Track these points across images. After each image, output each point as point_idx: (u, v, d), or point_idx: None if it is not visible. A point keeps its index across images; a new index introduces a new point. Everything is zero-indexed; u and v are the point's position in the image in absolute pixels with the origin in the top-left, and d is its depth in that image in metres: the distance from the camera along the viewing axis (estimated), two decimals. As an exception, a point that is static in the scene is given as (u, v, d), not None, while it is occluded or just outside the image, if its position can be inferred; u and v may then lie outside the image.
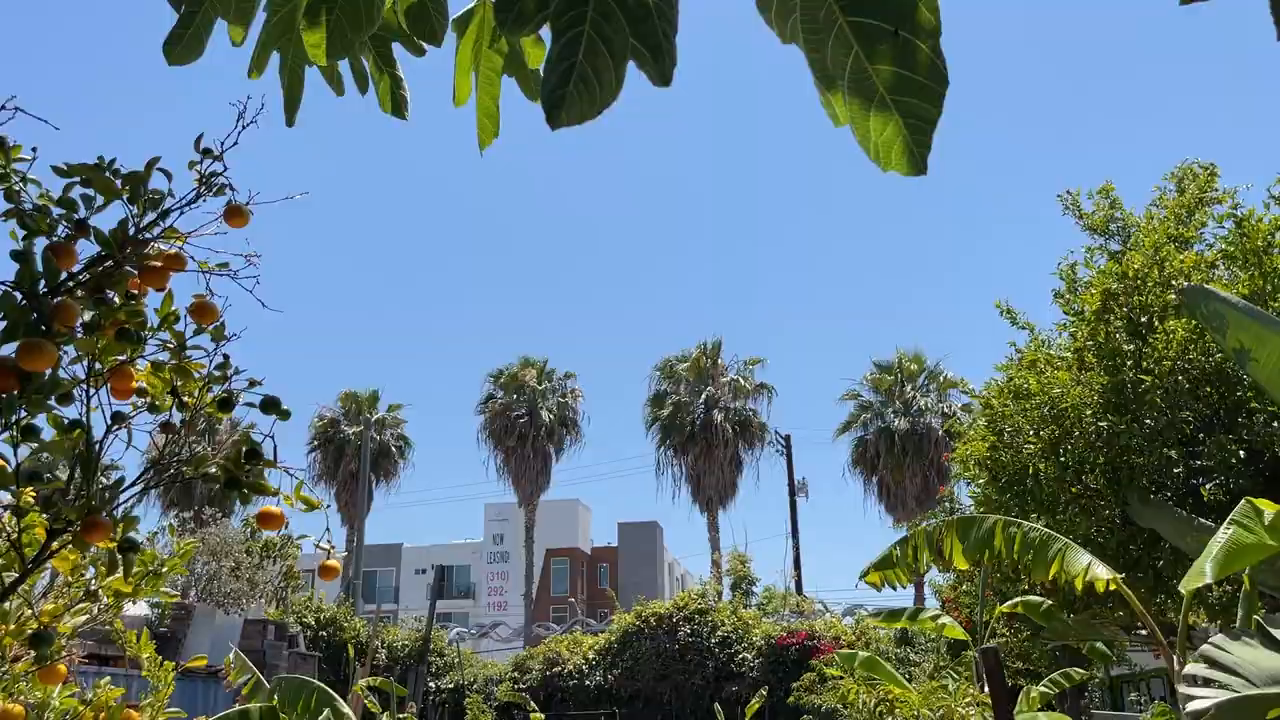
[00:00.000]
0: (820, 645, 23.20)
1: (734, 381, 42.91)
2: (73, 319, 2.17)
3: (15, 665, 2.62)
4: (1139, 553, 7.61)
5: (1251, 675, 3.98)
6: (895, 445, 39.06)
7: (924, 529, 5.67)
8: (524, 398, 44.50)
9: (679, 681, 23.68)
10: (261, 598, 18.72)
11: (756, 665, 23.44)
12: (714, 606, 25.02)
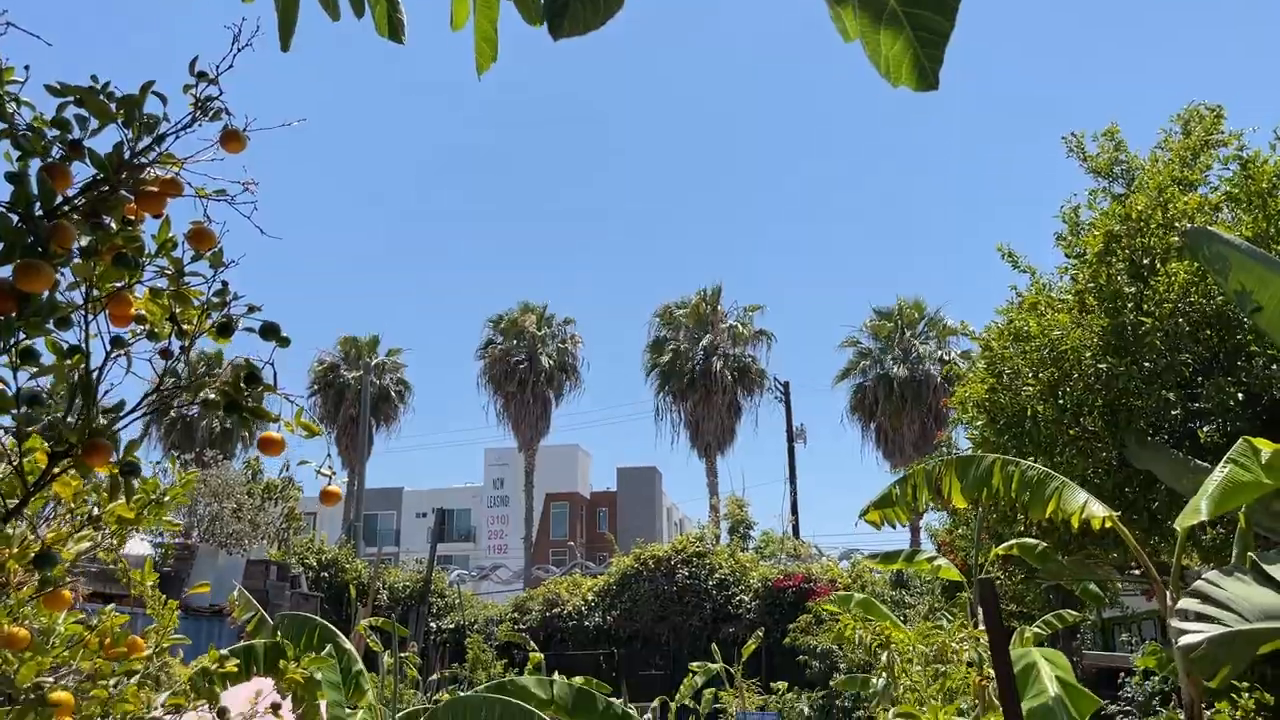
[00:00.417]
0: (816, 588, 23.48)
1: (733, 328, 42.90)
2: (69, 241, 2.15)
3: (19, 591, 2.64)
4: (1134, 494, 7.66)
5: (1244, 610, 4.03)
6: (894, 392, 39.19)
7: (923, 468, 5.70)
8: (523, 343, 44.54)
9: (677, 623, 24.00)
10: (263, 539, 18.91)
11: (753, 607, 23.74)
12: (712, 550, 25.29)
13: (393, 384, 46.57)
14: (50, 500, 2.65)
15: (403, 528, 55.55)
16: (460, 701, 7.30)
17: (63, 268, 2.19)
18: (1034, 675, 4.48)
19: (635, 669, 23.33)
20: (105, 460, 2.17)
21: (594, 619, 24.40)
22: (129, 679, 2.65)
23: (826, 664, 20.07)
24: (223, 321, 2.40)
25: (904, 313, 41.28)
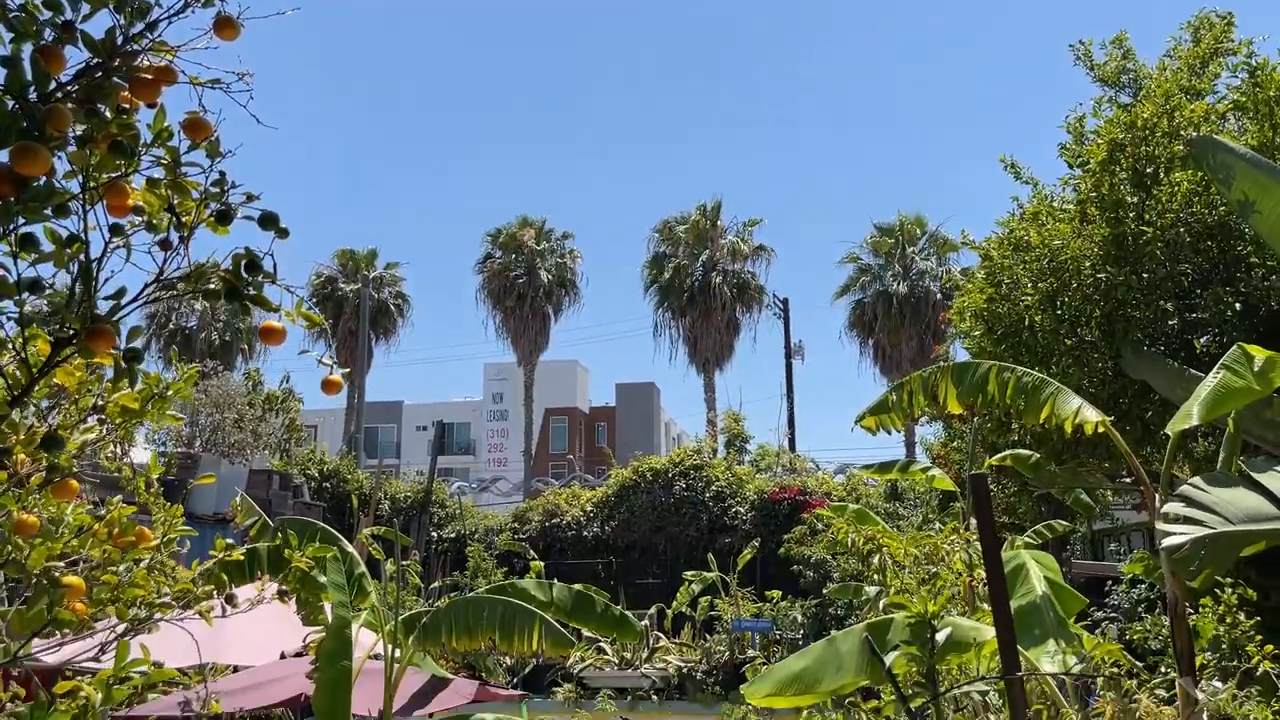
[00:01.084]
0: (811, 500, 23.81)
1: (733, 244, 42.69)
2: (65, 125, 2.14)
3: (29, 481, 2.68)
4: (1128, 405, 7.73)
5: (1229, 513, 4.10)
6: (893, 308, 39.21)
7: (920, 375, 5.74)
8: (522, 258, 44.35)
9: (674, 533, 24.40)
10: (265, 449, 19.11)
11: (749, 519, 24.11)
12: (709, 462, 25.57)
13: (391, 297, 46.52)
14: (55, 390, 2.67)
15: (403, 441, 56.08)
16: (463, 602, 7.49)
17: (59, 153, 2.18)
18: (1023, 575, 4.59)
19: (633, 578, 23.80)
20: (108, 346, 2.19)
21: (592, 529, 24.80)
22: (138, 565, 2.71)
23: (820, 573, 20.48)
24: (221, 210, 2.39)
25: (905, 228, 41.05)
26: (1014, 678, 2.62)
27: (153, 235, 2.50)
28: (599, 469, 34.64)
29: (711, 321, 41.41)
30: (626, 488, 25.21)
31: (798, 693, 4.27)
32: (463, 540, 24.45)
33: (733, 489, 24.75)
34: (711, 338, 41.53)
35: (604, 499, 25.30)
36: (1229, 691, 3.66)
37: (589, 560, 24.01)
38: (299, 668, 8.70)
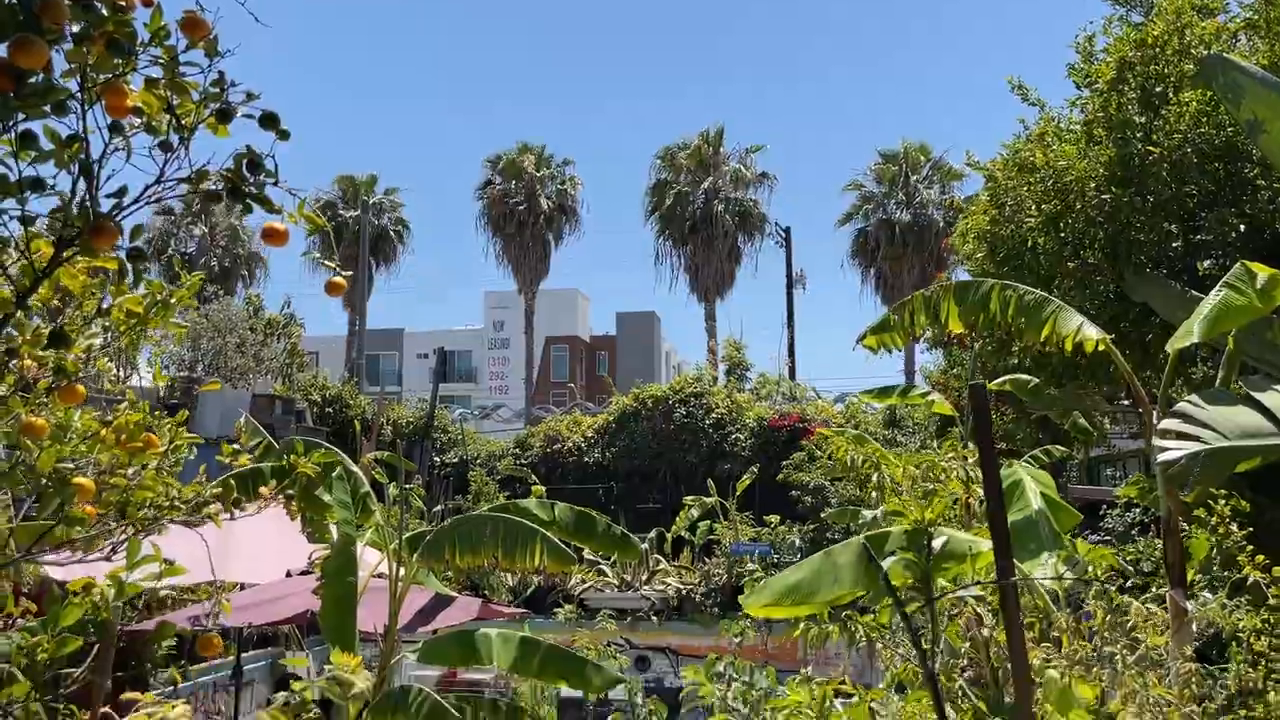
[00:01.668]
0: (810, 427, 23.94)
1: (735, 171, 42.27)
2: (61, 17, 2.11)
3: (36, 385, 2.71)
4: (1129, 328, 7.74)
5: (1225, 429, 4.14)
6: (896, 237, 39.01)
7: (921, 294, 5.74)
8: (522, 184, 43.95)
9: (674, 459, 24.60)
10: (267, 374, 19.15)
11: (748, 445, 24.28)
12: (709, 390, 25.67)
13: (391, 224, 46.25)
14: (60, 296, 2.68)
15: (404, 368, 56.24)
16: (466, 519, 7.58)
17: (57, 47, 2.15)
18: (1019, 492, 4.65)
19: (633, 503, 24.05)
20: (111, 242, 2.19)
21: (594, 455, 25.00)
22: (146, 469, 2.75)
23: (818, 499, 20.70)
24: (221, 109, 2.37)
25: (909, 155, 40.61)
26: (1008, 583, 2.67)
27: (153, 138, 2.48)
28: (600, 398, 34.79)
29: (713, 250, 41.21)
30: (627, 415, 25.36)
31: (795, 603, 4.34)
32: (465, 465, 24.67)
33: (732, 416, 24.88)
34: (713, 266, 41.37)
35: (605, 426, 25.47)
36: (1218, 601, 3.74)
37: (590, 485, 24.24)
38: (305, 585, 8.85)
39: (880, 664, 6.33)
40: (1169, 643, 3.95)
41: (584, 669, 7.53)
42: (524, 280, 44.70)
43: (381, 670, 7.70)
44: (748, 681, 5.93)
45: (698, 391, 25.40)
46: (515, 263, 44.26)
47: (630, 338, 56.77)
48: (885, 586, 2.83)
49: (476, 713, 8.02)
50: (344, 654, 3.30)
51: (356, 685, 3.01)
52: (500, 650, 7.30)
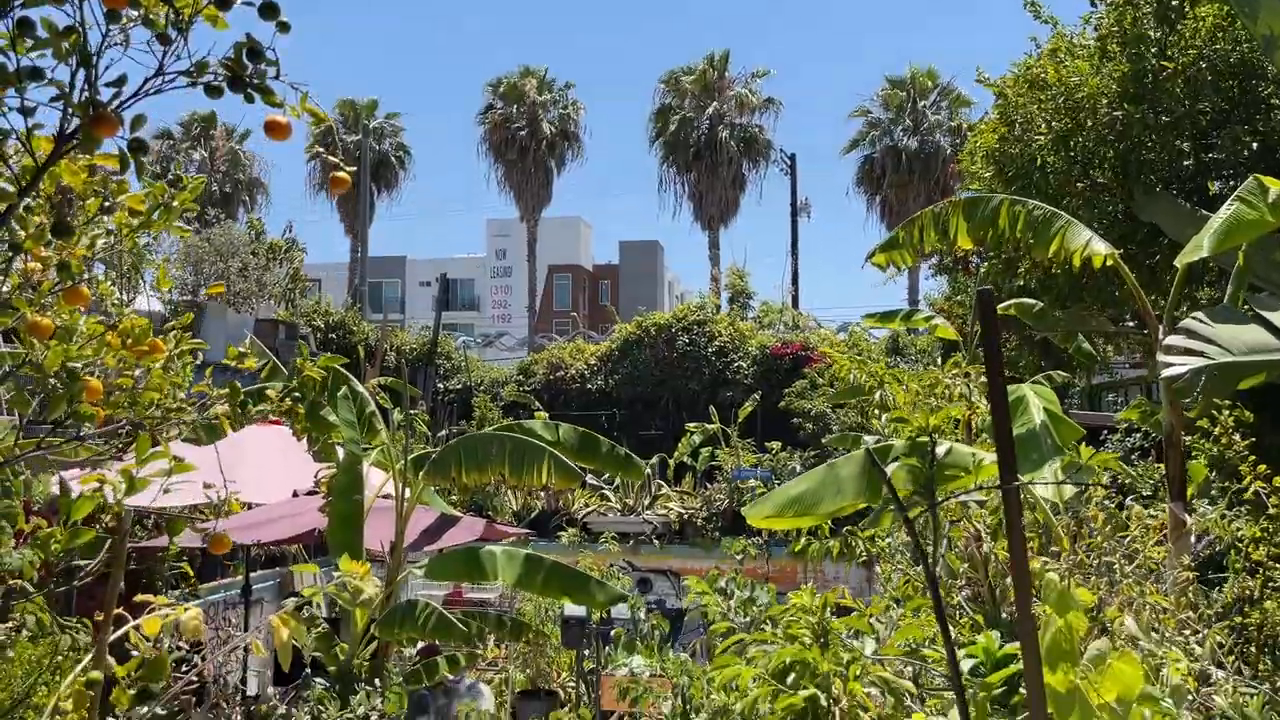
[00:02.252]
0: (813, 356, 23.99)
1: (741, 96, 41.63)
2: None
3: (41, 285, 2.70)
4: (1136, 250, 7.69)
5: (1230, 345, 4.13)
6: (902, 164, 38.58)
7: (931, 210, 5.69)
8: (524, 109, 43.36)
9: (677, 387, 24.69)
10: (270, 299, 19.12)
11: (751, 373, 24.34)
12: (712, 318, 25.65)
13: (392, 149, 45.77)
14: (62, 196, 2.65)
15: (407, 296, 56.20)
16: (473, 437, 7.65)
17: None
18: (1023, 406, 4.67)
19: (636, 430, 24.18)
20: (112, 132, 2.17)
21: (596, 383, 25.08)
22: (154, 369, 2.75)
23: (820, 426, 20.81)
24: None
25: (916, 81, 39.95)
26: (1010, 486, 2.68)
27: (151, 32, 2.44)
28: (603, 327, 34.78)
29: (717, 177, 40.81)
30: (630, 342, 25.39)
31: (797, 514, 4.37)
32: (468, 392, 24.78)
33: (735, 344, 24.91)
34: (717, 194, 41.01)
35: (608, 353, 25.52)
36: (1218, 511, 3.77)
37: (593, 412, 24.36)
38: (312, 505, 8.94)
39: (879, 586, 6.41)
40: (1167, 555, 4.00)
41: (588, 585, 7.65)
42: (526, 208, 44.39)
43: (389, 585, 7.84)
44: (749, 597, 6.01)
45: (701, 320, 25.38)
46: (517, 189, 43.90)
47: (633, 267, 56.59)
48: (888, 490, 2.85)
49: (482, 627, 8.19)
50: (352, 562, 3.34)
51: (365, 591, 3.04)
52: (505, 566, 7.41)
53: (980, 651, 3.56)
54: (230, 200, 39.36)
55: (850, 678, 3.70)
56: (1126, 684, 2.99)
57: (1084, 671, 3.04)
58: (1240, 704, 2.53)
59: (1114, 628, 3.31)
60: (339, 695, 6.40)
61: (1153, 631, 2.95)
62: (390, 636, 7.27)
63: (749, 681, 3.84)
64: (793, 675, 3.71)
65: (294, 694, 6.91)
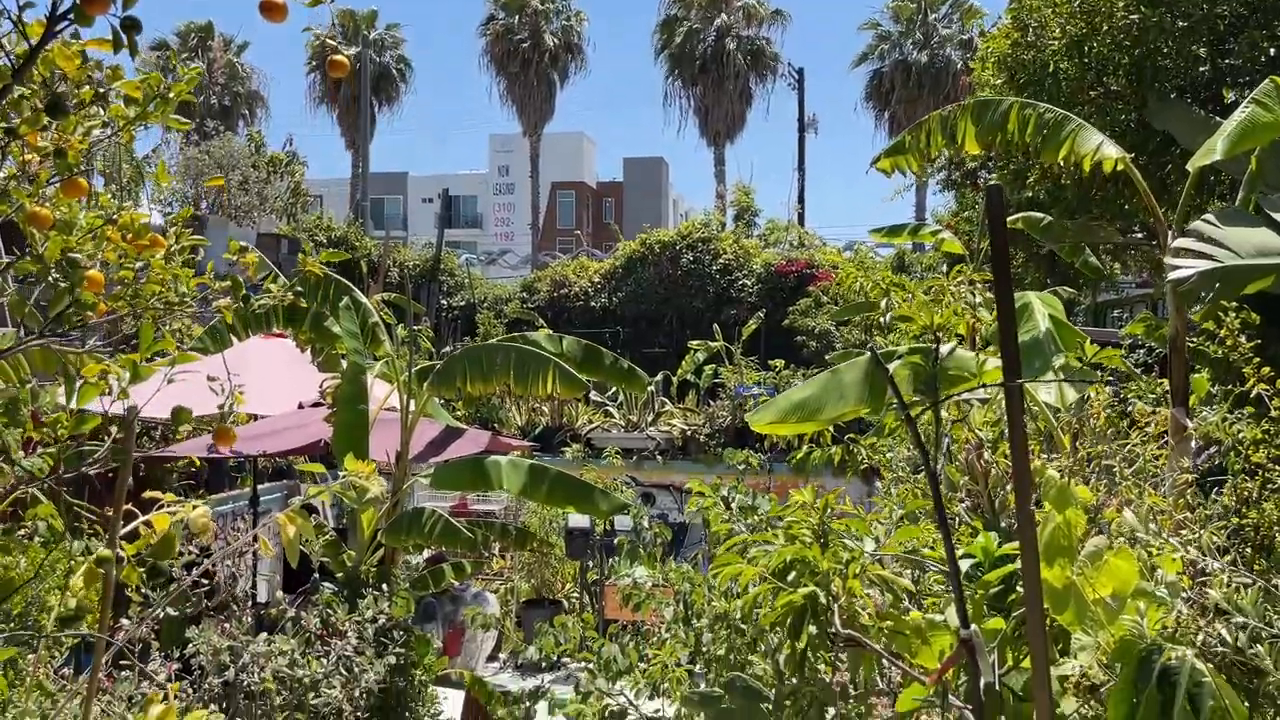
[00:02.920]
0: (818, 274, 23.91)
1: (749, 7, 40.72)
2: None
3: (39, 177, 2.67)
4: (1147, 160, 7.58)
5: (1239, 248, 4.09)
6: (911, 79, 37.92)
7: (938, 113, 5.59)
8: (526, 20, 42.47)
9: (680, 305, 24.66)
10: (271, 213, 18.97)
11: (755, 291, 24.29)
12: (717, 236, 25.50)
13: (393, 61, 44.97)
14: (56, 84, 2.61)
15: (409, 213, 55.81)
16: (477, 348, 7.66)
17: None
18: (1028, 314, 4.66)
19: (639, 348, 24.22)
20: (104, 9, 2.12)
21: (600, 300, 25.05)
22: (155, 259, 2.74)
23: (823, 344, 20.84)
24: None
25: (928, -8, 39.09)
26: (1013, 385, 2.68)
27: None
28: (607, 245, 34.57)
29: (724, 91, 40.16)
30: (634, 260, 25.29)
31: (799, 420, 4.38)
32: (472, 309, 24.78)
33: (740, 262, 24.80)
34: (723, 108, 40.41)
35: (611, 271, 25.44)
36: (1219, 415, 3.78)
37: (596, 330, 24.38)
38: (317, 416, 9.00)
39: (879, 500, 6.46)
40: (1168, 459, 4.02)
41: (591, 494, 7.74)
42: (529, 122, 43.80)
43: (395, 494, 7.93)
44: (750, 505, 6.06)
45: (705, 237, 25.23)
46: (520, 103, 43.26)
47: (637, 184, 56.03)
48: (891, 388, 2.85)
49: (487, 535, 8.31)
50: (357, 462, 3.37)
51: (371, 490, 3.07)
52: (510, 475, 7.48)
53: (978, 551, 3.60)
54: (229, 114, 38.84)
55: (849, 576, 3.75)
56: (1122, 579, 3.03)
57: (1081, 568, 3.08)
58: (1234, 597, 2.56)
59: (1112, 528, 3.34)
60: (347, 600, 6.52)
61: (1150, 527, 2.98)
62: (397, 543, 7.38)
63: (750, 579, 3.90)
64: (793, 574, 3.77)
65: (303, 599, 7.05)
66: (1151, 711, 2.26)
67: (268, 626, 6.09)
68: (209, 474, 12.50)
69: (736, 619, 5.62)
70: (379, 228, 38.42)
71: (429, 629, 9.40)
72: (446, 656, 9.25)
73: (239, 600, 7.90)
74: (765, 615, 3.79)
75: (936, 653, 3.47)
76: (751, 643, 5.46)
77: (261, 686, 5.40)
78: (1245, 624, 2.45)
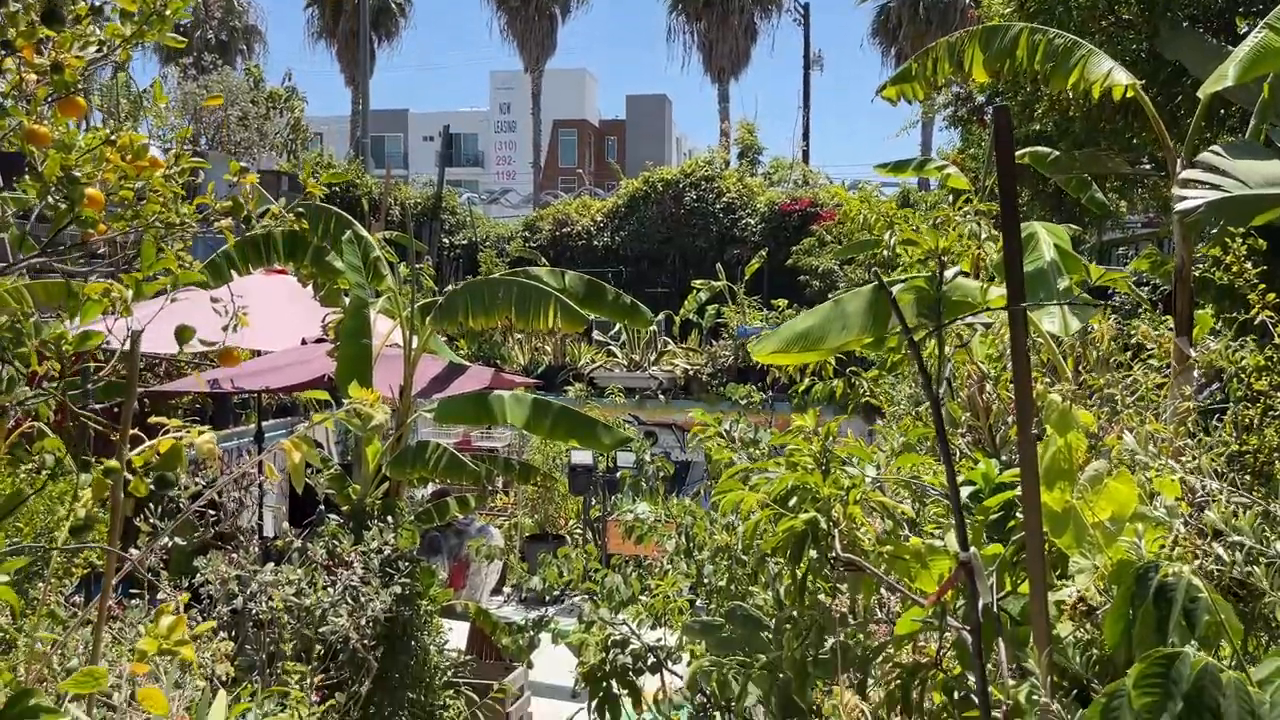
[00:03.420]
0: (822, 213, 23.76)
1: (754, -62, 39.99)
2: None
3: (36, 94, 2.65)
4: (1157, 92, 7.48)
5: (1248, 178, 4.05)
6: (919, 13, 37.32)
7: (946, 40, 5.50)
8: (526, -49, 41.77)
9: (683, 244, 24.56)
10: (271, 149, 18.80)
11: (758, 230, 24.18)
12: (720, 174, 25.30)
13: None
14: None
15: (409, 151, 55.32)
16: (479, 282, 7.64)
17: None
18: (1033, 243, 4.63)
19: (642, 287, 24.16)
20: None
21: (602, 239, 24.96)
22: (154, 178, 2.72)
23: (826, 283, 20.78)
24: None
25: (939, -78, 38.29)
26: (1018, 308, 2.67)
27: None
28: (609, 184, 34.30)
29: (728, 26, 39.54)
30: (636, 198, 25.14)
31: (802, 349, 4.38)
32: (474, 247, 24.70)
33: (743, 201, 24.65)
34: (727, 44, 39.82)
35: (614, 209, 25.31)
36: (1223, 342, 3.78)
37: (599, 269, 24.31)
38: (320, 352, 9.02)
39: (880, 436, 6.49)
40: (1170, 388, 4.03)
41: (595, 429, 7.76)
42: (530, 58, 43.22)
43: (399, 428, 7.97)
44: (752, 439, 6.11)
45: (709, 175, 25.04)
46: (520, 39, 42.65)
47: (640, 122, 55.45)
48: (894, 311, 2.84)
49: (491, 469, 8.38)
50: (361, 390, 3.37)
51: (376, 417, 3.08)
52: (513, 409, 7.51)
53: (979, 478, 3.62)
54: (227, 49, 38.30)
55: (850, 502, 3.78)
56: (1121, 503, 3.05)
57: (1080, 492, 3.10)
58: (1232, 520, 2.58)
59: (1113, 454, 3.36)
60: (352, 531, 6.59)
61: (1149, 449, 2.99)
62: (401, 476, 7.44)
63: (752, 506, 3.93)
64: (794, 499, 3.80)
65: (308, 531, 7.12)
66: (1147, 627, 2.29)
67: (274, 558, 6.16)
68: (214, 411, 12.56)
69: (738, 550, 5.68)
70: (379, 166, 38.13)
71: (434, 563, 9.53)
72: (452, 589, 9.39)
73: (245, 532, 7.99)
74: (766, 541, 3.83)
75: (935, 577, 3.51)
76: (752, 574, 5.53)
77: (270, 615, 5.48)
78: (1243, 544, 2.47)
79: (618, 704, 5.39)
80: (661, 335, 19.94)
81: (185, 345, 2.32)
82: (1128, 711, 2.11)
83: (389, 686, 6.23)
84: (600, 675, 5.38)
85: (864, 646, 4.06)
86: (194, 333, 2.39)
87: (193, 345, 2.37)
